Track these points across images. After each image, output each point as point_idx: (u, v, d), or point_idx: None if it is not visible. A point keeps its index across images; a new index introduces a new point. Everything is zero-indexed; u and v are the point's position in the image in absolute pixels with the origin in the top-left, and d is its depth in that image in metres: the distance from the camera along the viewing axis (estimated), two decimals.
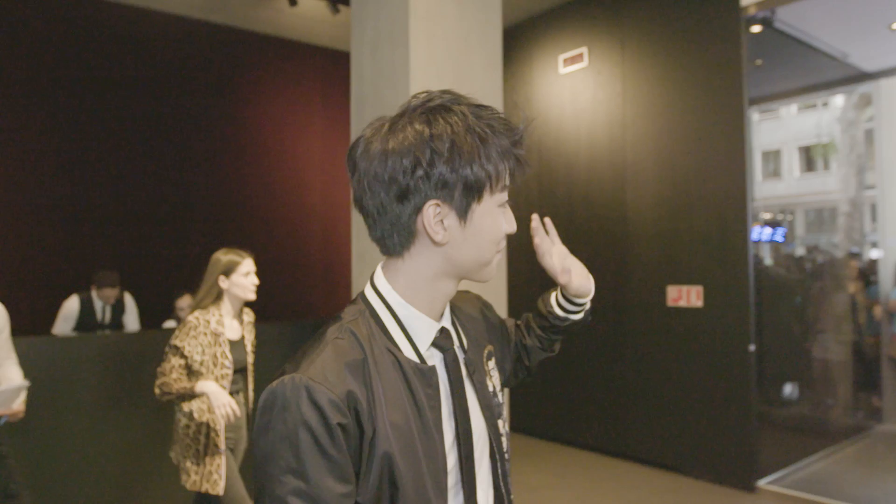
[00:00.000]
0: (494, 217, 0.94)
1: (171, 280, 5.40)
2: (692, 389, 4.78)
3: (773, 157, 11.90)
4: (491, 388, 1.08)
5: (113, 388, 3.89)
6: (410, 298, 0.95)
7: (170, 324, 5.09)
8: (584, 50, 5.61)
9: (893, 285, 6.32)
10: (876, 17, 5.17)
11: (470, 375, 1.02)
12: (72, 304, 4.89)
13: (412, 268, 0.94)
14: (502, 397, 1.12)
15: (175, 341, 2.76)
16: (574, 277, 1.28)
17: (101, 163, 5.93)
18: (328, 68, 7.27)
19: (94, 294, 4.96)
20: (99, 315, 4.98)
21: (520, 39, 6.24)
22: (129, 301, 5.18)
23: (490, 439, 1.03)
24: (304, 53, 7.19)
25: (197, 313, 2.84)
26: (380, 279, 0.98)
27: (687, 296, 4.78)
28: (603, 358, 5.42)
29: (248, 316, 3.09)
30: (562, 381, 5.74)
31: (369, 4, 4.10)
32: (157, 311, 5.35)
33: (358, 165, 0.91)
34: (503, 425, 1.08)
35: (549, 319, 1.36)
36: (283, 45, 7.05)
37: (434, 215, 0.89)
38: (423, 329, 0.95)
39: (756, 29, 4.76)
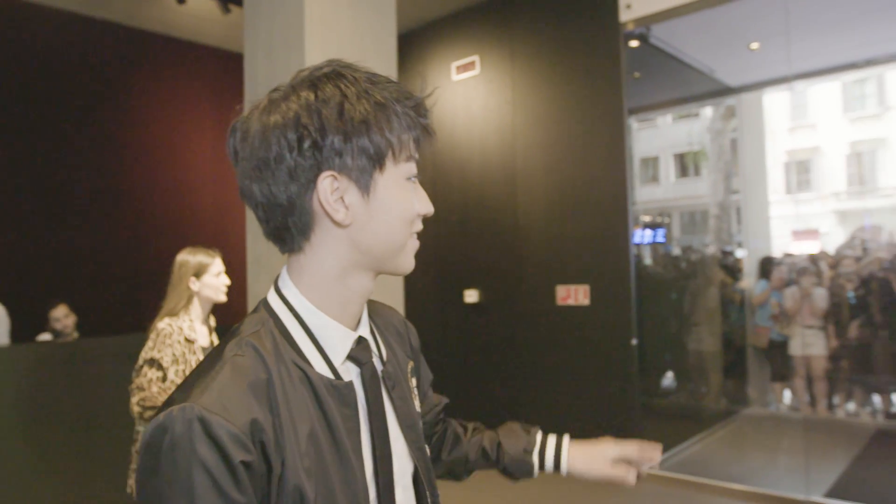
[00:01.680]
0: (402, 191, 0.83)
1: (46, 289, 5.07)
2: (581, 383, 5.04)
3: (651, 163, 12.71)
4: (416, 409, 0.97)
5: None
6: (320, 301, 0.83)
7: (44, 336, 4.77)
8: (476, 58, 5.79)
9: (757, 281, 6.92)
10: (737, 38, 5.68)
11: (389, 391, 0.90)
12: None
13: (316, 262, 0.82)
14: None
15: (151, 354, 2.58)
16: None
17: None
18: (219, 69, 7.06)
19: None
20: None
21: (414, 46, 6.33)
22: (1, 312, 4.81)
23: (415, 465, 0.91)
24: (194, 53, 6.95)
25: (168, 320, 2.68)
26: (284, 281, 0.85)
27: (575, 294, 5.04)
28: (497, 356, 5.59)
29: (213, 321, 2.97)
30: (457, 381, 5.87)
31: (263, 7, 4.05)
32: (31, 323, 5.00)
33: (239, 152, 0.82)
34: (429, 450, 0.96)
35: (501, 463, 1.21)
36: (172, 43, 6.79)
37: (332, 190, 0.78)
38: (337, 339, 0.83)
39: (634, 44, 5.08)
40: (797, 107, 17.07)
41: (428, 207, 0.87)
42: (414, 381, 1.01)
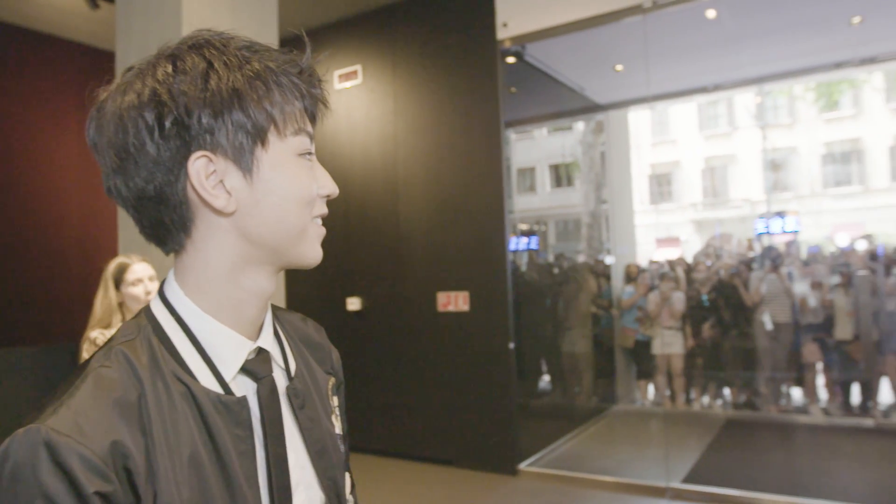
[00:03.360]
0: (295, 168, 0.72)
1: None
2: (461, 387, 5.19)
3: (528, 173, 13.25)
4: (337, 431, 0.85)
5: None
6: (209, 306, 0.71)
7: None
8: (358, 67, 5.82)
9: (624, 286, 7.40)
10: (604, 59, 6.09)
11: (296, 411, 0.77)
12: None
13: (201, 259, 0.71)
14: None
15: None
16: None
17: None
18: (88, 67, 6.65)
19: None
20: None
21: (296, 53, 6.27)
22: None
23: (326, 498, 0.79)
24: (58, 48, 6.49)
25: (98, 331, 2.54)
26: (169, 284, 0.74)
27: (455, 301, 5.18)
28: (380, 364, 5.64)
29: None
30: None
31: (137, 6, 3.89)
32: None
33: (97, 143, 0.70)
34: (347, 488, 0.84)
35: None
36: (32, 37, 6.31)
37: (206, 174, 0.67)
38: (230, 349, 0.72)
39: (511, 60, 5.32)
40: (659, 124, 18.43)
41: (330, 187, 0.77)
42: (336, 400, 0.89)
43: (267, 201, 0.70)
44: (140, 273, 2.70)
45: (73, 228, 6.62)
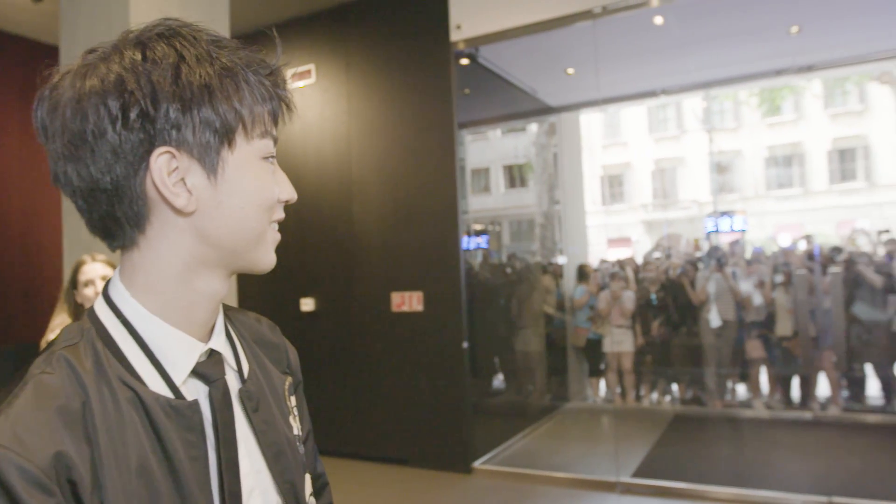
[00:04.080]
0: (259, 172, 0.71)
1: None
2: (416, 387, 5.20)
3: (483, 174, 13.34)
4: (295, 432, 0.82)
5: None
6: (158, 307, 0.68)
7: None
8: (311, 66, 5.79)
9: (576, 286, 7.53)
10: (556, 63, 6.19)
11: (249, 414, 0.75)
12: None
13: (154, 258, 0.68)
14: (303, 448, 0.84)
15: None
16: None
17: None
18: (29, 60, 6.42)
19: None
20: None
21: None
22: None
23: (283, 502, 0.76)
24: None
25: (57, 333, 2.41)
26: (114, 284, 0.70)
27: (409, 301, 5.20)
28: (334, 364, 5.61)
29: None
30: None
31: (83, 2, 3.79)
32: None
33: (48, 127, 0.66)
34: (307, 490, 0.81)
35: None
36: None
37: (169, 171, 0.65)
38: (180, 351, 0.69)
39: (465, 62, 5.37)
40: (611, 126, 18.78)
41: (290, 192, 0.76)
42: (293, 401, 0.86)
43: (229, 203, 0.68)
44: (91, 274, 2.52)
45: (15, 226, 6.40)
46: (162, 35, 0.67)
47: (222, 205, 0.68)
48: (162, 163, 0.64)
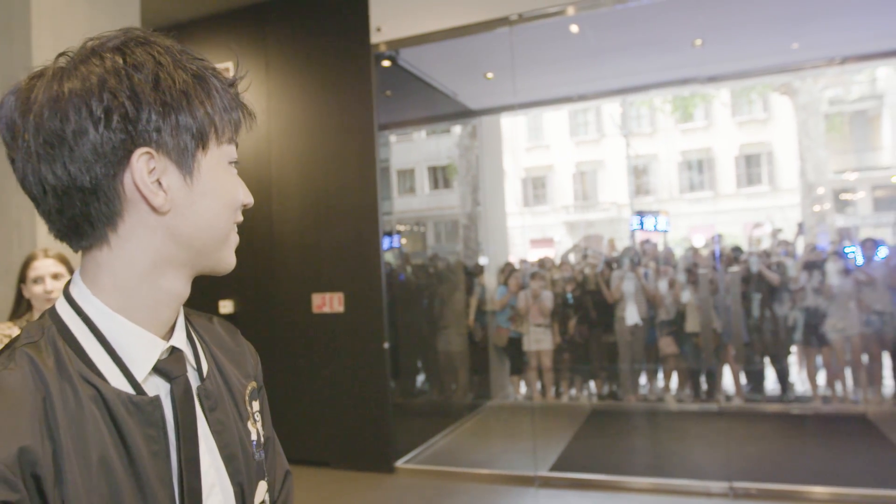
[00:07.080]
0: (226, 175, 0.75)
1: None
2: (337, 388, 5.19)
3: (408, 175, 13.38)
4: (253, 437, 0.83)
5: None
6: (120, 304, 0.70)
7: None
8: (229, 64, 5.67)
9: (498, 286, 7.67)
10: (475, 67, 6.30)
11: (206, 413, 0.76)
12: None
13: (122, 256, 0.70)
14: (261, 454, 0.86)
15: None
16: None
17: None
18: None
19: None
20: None
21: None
22: None
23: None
24: None
25: (6, 325, 2.28)
26: (75, 283, 0.72)
27: (330, 302, 5.18)
28: None
29: None
30: None
31: None
32: None
33: (17, 127, 0.66)
34: (258, 498, 0.82)
35: None
36: None
37: (149, 170, 0.67)
38: (141, 348, 0.70)
39: (386, 64, 5.39)
40: (534, 129, 19.19)
41: (249, 197, 0.80)
42: (255, 406, 0.88)
43: (202, 203, 0.71)
44: (41, 270, 2.37)
45: None
46: (136, 42, 0.69)
47: (195, 204, 0.71)
48: (143, 163, 0.67)
